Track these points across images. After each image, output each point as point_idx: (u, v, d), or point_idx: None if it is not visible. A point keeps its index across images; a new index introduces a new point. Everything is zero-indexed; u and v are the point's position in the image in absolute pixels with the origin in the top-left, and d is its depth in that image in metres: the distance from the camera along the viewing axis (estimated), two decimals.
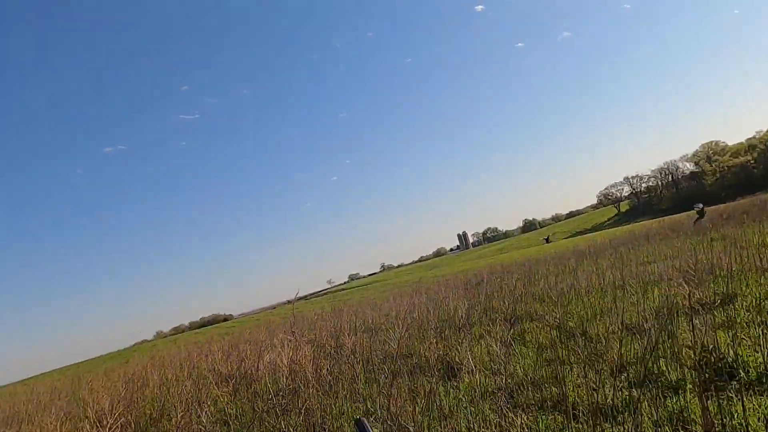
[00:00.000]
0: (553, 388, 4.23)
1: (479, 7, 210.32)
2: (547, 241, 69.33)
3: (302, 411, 4.89)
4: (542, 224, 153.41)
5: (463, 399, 4.50)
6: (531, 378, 4.58)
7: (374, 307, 13.30)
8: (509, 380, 4.66)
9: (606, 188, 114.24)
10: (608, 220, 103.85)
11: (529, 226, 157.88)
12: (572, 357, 4.94)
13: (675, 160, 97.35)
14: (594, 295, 8.31)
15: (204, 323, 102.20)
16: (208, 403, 6.47)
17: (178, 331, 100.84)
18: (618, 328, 5.45)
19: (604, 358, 4.75)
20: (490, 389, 4.66)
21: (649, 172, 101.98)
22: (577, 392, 4.01)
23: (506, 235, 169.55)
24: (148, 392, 8.21)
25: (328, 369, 6.35)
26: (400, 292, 19.42)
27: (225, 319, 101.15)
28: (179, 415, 5.41)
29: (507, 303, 8.63)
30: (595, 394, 3.56)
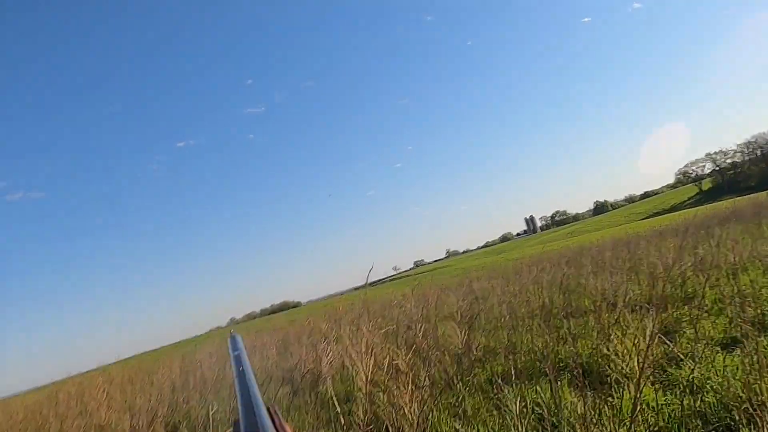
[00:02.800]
0: None
1: None
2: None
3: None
4: (615, 206, 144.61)
5: None
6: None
7: (458, 289, 11.65)
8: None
9: (685, 165, 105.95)
10: (689, 199, 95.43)
11: (600, 208, 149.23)
12: None
13: (765, 133, 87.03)
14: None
15: (274, 310, 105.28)
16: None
17: (250, 317, 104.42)
18: None
19: None
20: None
21: (734, 147, 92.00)
22: None
23: (576, 218, 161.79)
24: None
25: (407, 365, 4.91)
26: (478, 275, 17.66)
27: (294, 306, 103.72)
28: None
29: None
30: None
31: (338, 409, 4.13)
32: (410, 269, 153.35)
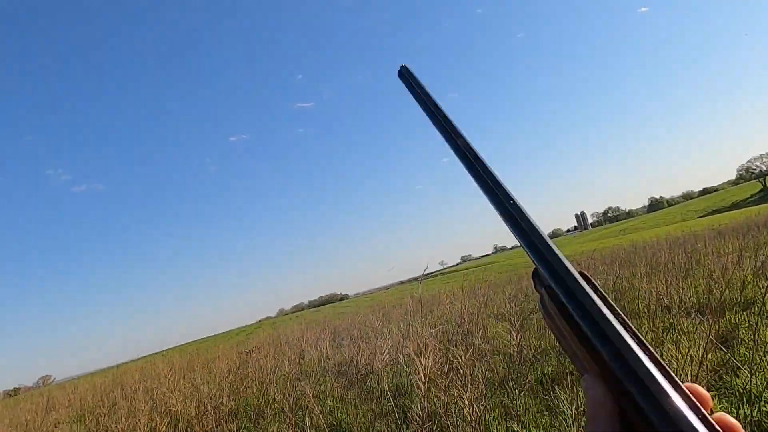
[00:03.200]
0: None
1: None
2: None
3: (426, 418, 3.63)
4: (671, 202, 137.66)
5: None
6: None
7: (507, 286, 11.64)
8: None
9: (748, 161, 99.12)
10: (751, 196, 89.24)
11: (655, 205, 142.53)
12: None
13: None
14: None
15: (321, 302, 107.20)
16: (314, 395, 5.48)
17: (297, 309, 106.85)
18: None
19: None
20: None
21: None
22: None
23: (629, 214, 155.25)
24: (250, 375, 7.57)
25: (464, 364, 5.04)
26: (528, 272, 17.41)
27: (341, 299, 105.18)
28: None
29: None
30: None
31: (392, 403, 4.33)
32: (457, 264, 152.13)
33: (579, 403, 3.47)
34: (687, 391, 0.35)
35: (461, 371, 3.80)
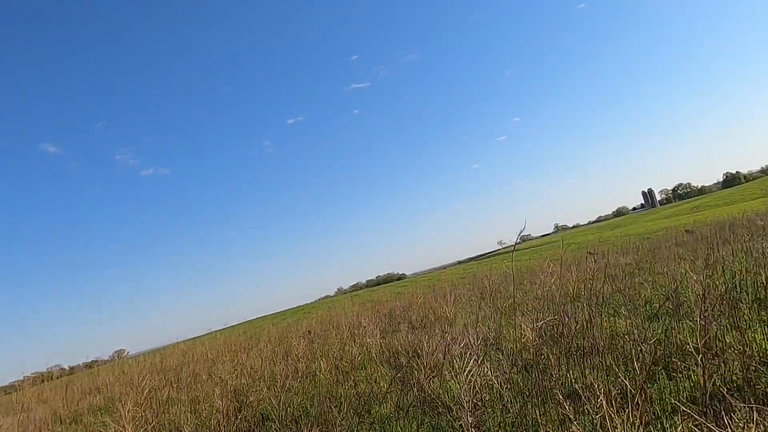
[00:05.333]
0: None
1: None
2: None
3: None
4: (749, 178, 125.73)
5: None
6: None
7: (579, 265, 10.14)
8: None
9: None
10: None
11: (731, 181, 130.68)
12: None
13: None
14: None
15: (379, 281, 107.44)
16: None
17: (356, 288, 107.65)
18: None
19: None
20: None
21: None
22: None
23: (702, 191, 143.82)
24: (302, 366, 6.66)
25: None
26: (603, 250, 15.68)
27: (399, 278, 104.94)
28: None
29: None
30: None
31: (468, 420, 3.17)
32: (516, 243, 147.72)
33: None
34: None
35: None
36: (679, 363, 3.69)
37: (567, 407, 2.83)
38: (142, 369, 11.55)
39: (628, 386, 2.87)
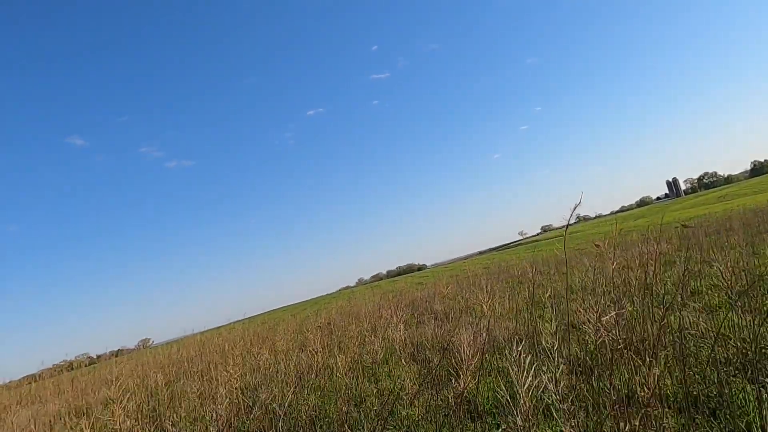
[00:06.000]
0: None
1: None
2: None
3: None
4: None
5: None
6: None
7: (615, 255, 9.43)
8: None
9: None
10: None
11: (759, 169, 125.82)
12: None
13: None
14: None
15: (399, 272, 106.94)
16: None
17: (377, 278, 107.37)
18: None
19: None
20: None
21: None
22: None
23: (728, 180, 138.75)
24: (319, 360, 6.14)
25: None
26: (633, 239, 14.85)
27: (419, 269, 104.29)
28: None
29: None
30: None
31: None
32: (537, 234, 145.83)
33: None
34: None
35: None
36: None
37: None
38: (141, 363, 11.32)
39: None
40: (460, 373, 3.38)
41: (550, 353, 2.63)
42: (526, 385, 2.49)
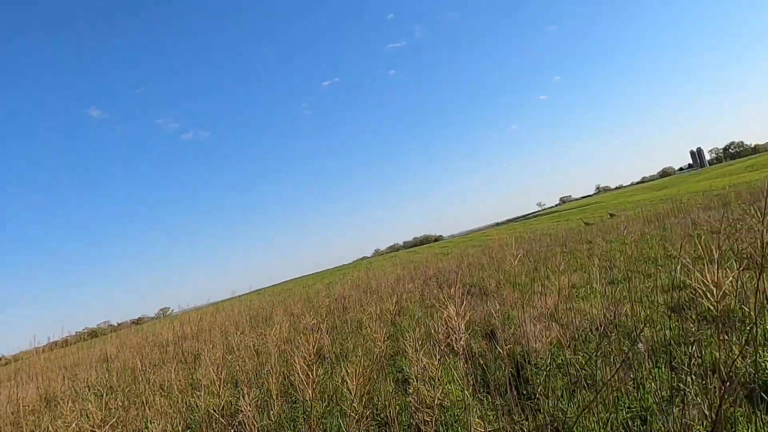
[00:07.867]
0: None
1: None
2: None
3: None
4: None
5: None
6: None
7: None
8: None
9: None
10: None
11: None
12: None
13: None
14: None
15: (416, 243, 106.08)
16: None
17: (393, 249, 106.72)
18: None
19: None
20: None
21: None
22: None
23: (756, 150, 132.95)
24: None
25: None
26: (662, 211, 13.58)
27: (436, 240, 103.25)
28: None
29: None
30: None
31: None
32: (556, 205, 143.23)
33: None
34: None
35: None
36: None
37: None
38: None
39: None
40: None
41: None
42: None
